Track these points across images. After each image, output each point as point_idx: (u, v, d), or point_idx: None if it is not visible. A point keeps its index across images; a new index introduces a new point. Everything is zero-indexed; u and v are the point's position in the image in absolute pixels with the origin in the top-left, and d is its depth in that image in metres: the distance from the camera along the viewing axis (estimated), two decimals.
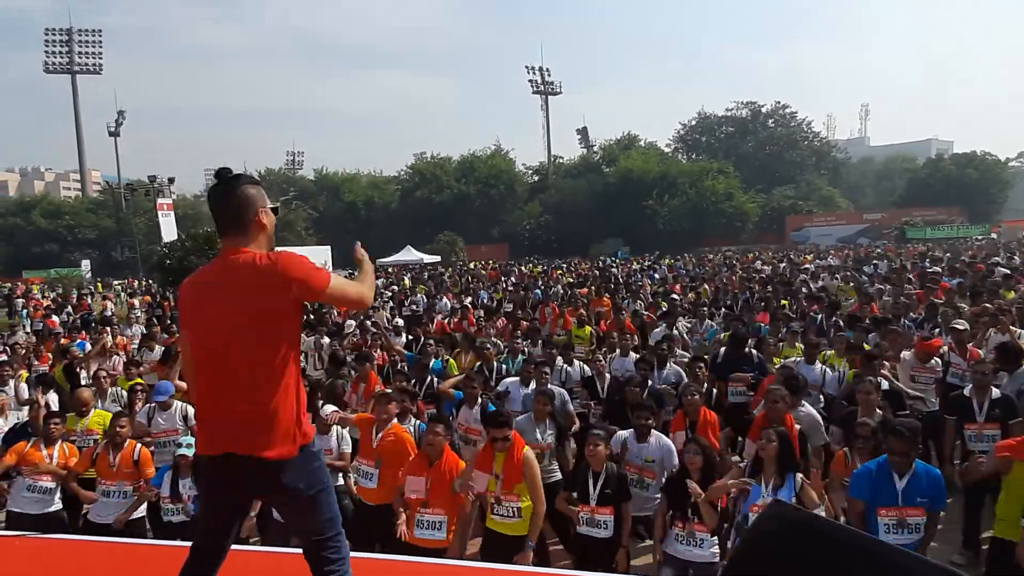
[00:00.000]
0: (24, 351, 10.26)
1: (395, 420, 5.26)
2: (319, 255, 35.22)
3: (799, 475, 4.08)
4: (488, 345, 8.36)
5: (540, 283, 21.19)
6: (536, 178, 65.74)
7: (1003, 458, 3.91)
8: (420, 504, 4.50)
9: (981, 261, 18.95)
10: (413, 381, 7.10)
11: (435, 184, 56.48)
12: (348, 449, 5.68)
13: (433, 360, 8.02)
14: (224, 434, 2.39)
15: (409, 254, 39.26)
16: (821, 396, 6.33)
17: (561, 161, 68.69)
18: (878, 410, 5.05)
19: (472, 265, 37.13)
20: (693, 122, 73.49)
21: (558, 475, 5.46)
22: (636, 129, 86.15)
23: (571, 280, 22.87)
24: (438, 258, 41.43)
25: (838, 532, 2.32)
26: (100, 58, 68.74)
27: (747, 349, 7.02)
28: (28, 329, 16.22)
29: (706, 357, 7.11)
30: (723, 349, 7.21)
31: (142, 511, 5.44)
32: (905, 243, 39.58)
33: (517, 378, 6.98)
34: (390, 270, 33.09)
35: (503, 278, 25.86)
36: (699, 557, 4.23)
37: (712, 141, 71.84)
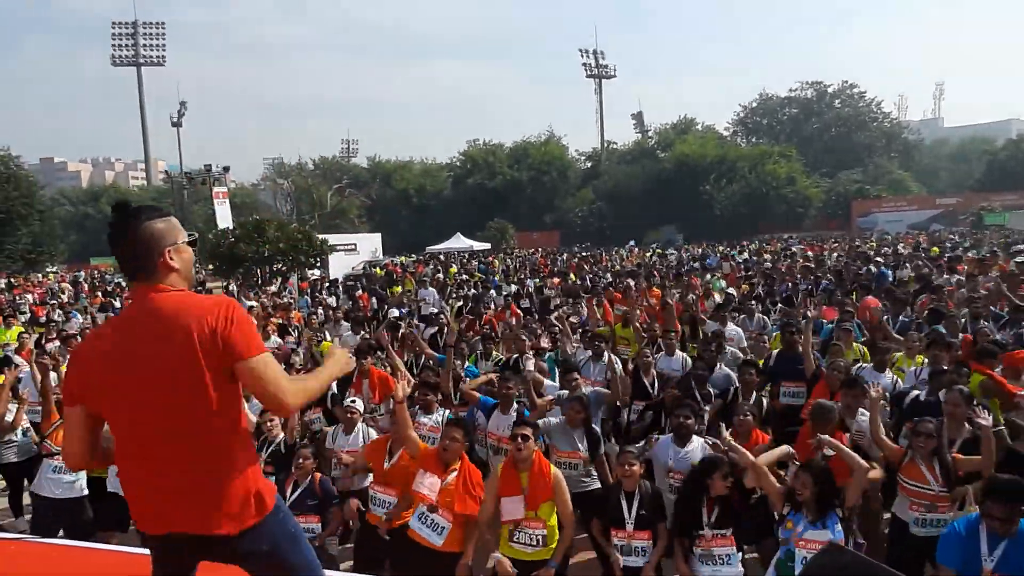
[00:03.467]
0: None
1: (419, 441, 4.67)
2: (370, 243, 35.52)
3: (839, 513, 3.68)
4: (524, 336, 7.79)
5: (588, 272, 20.58)
6: (589, 164, 64.81)
7: None
8: (427, 501, 4.16)
9: None
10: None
11: (487, 171, 56.27)
12: None
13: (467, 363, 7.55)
14: (162, 515, 2.07)
15: (459, 241, 39.15)
16: (888, 408, 5.60)
17: (615, 147, 67.53)
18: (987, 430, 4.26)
19: (518, 252, 36.69)
20: (754, 104, 70.94)
21: (596, 484, 4.99)
22: (694, 113, 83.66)
23: (619, 269, 22.21)
24: (488, 245, 41.18)
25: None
26: (164, 50, 71.48)
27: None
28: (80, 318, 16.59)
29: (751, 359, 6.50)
30: (776, 351, 6.57)
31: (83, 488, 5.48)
32: (984, 229, 37.10)
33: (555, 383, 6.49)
34: (441, 257, 32.98)
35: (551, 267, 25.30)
36: None
37: (774, 124, 69.28)
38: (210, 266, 25.92)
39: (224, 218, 30.95)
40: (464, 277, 21.82)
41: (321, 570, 2.33)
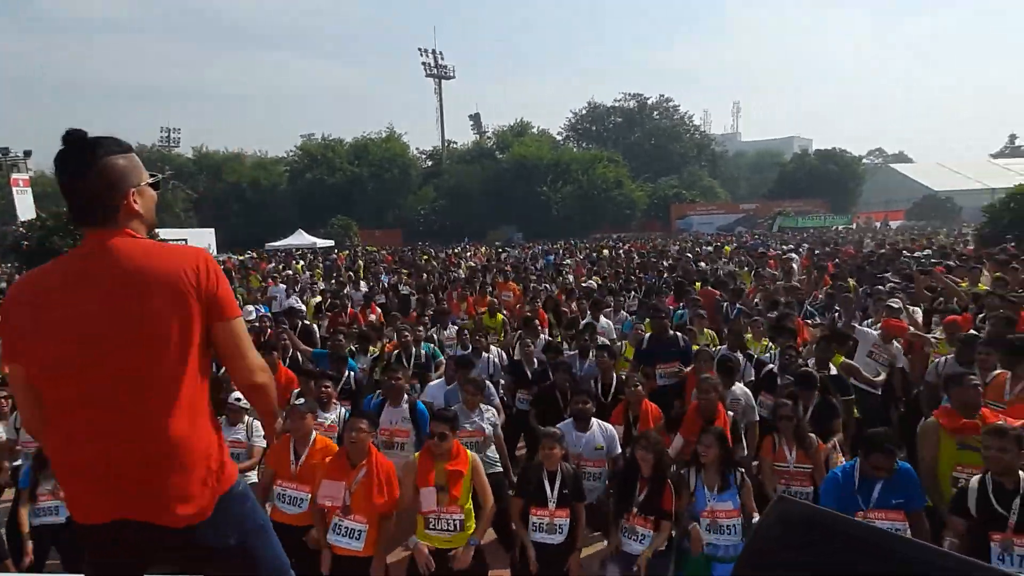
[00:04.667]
0: None
1: (314, 432, 4.59)
2: (202, 238, 33.15)
3: (739, 472, 4.21)
4: (406, 331, 7.99)
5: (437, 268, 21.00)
6: (430, 163, 65.08)
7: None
8: (337, 511, 4.04)
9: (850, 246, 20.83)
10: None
11: (327, 166, 54.48)
12: (261, 444, 5.09)
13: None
14: (108, 493, 1.73)
15: (301, 238, 37.74)
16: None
17: (455, 146, 68.41)
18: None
19: (367, 249, 36.18)
20: (583, 111, 75.33)
21: (498, 467, 5.27)
22: (529, 116, 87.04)
23: (472, 265, 22.84)
24: (331, 243, 40.08)
25: (844, 524, 2.47)
26: None
27: (671, 332, 7.24)
28: None
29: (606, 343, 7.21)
30: (648, 335, 7.40)
31: None
32: (780, 231, 42.63)
33: (439, 380, 6.66)
34: (280, 254, 31.61)
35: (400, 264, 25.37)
36: (639, 552, 4.18)
37: (602, 131, 73.98)
38: (8, 264, 22.82)
39: (26, 208, 27.38)
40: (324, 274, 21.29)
41: (289, 567, 2.08)
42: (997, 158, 76.71)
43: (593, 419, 5.07)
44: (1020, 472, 3.43)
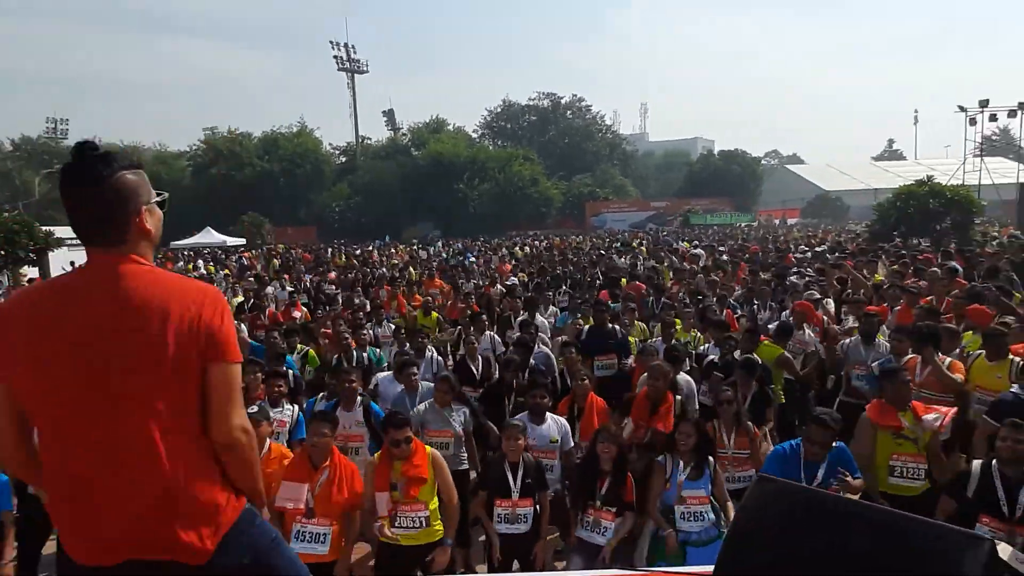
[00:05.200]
0: None
1: (268, 440, 4.50)
2: None
3: (712, 460, 4.39)
4: (347, 335, 7.87)
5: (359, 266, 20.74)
6: (344, 159, 63.65)
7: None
8: (299, 515, 3.98)
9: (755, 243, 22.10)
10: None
11: (234, 161, 52.28)
12: None
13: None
14: (117, 534, 1.66)
15: (209, 236, 36.04)
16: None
17: (369, 142, 67.24)
18: None
19: (281, 248, 35.08)
20: (499, 109, 75.74)
21: (466, 464, 5.29)
22: (444, 114, 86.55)
23: (396, 263, 22.64)
24: (243, 241, 38.54)
25: (823, 498, 2.62)
26: None
27: (610, 325, 7.52)
28: None
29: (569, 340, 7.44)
30: (587, 327, 7.65)
31: None
32: (690, 228, 44.46)
33: (388, 372, 6.68)
34: (186, 253, 30.16)
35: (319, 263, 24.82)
36: (603, 544, 4.30)
37: (517, 129, 74.57)
38: None
39: None
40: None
41: (308, 572, 2.06)
42: (878, 161, 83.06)
43: (547, 412, 5.18)
44: None
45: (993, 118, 40.58)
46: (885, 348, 6.22)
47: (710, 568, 2.27)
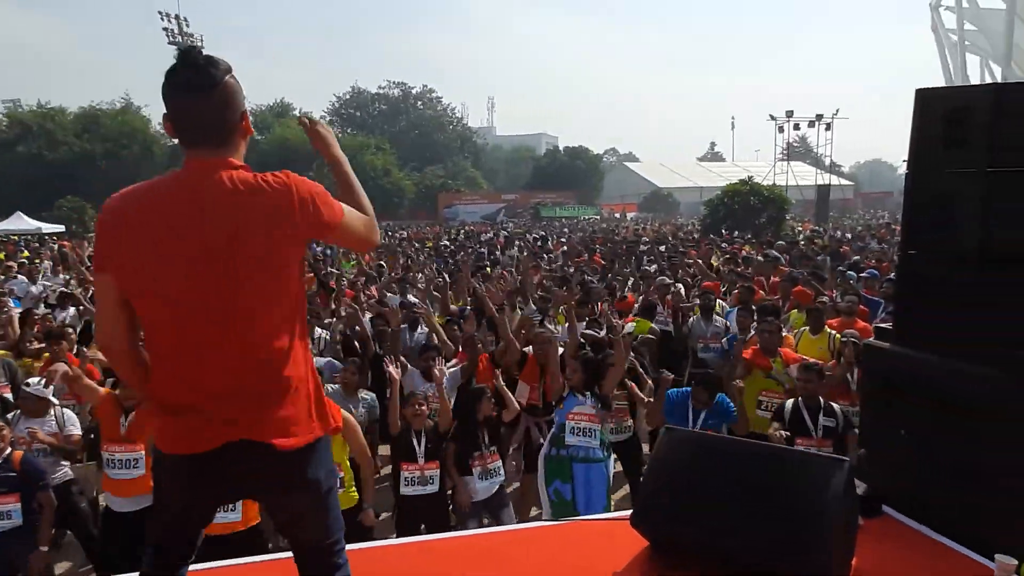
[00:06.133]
0: None
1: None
2: None
3: (599, 390, 4.79)
4: None
5: None
6: (175, 141, 58.85)
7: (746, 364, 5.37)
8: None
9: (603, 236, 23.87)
10: None
11: (46, 139, 46.65)
12: (77, 431, 4.74)
13: None
14: (219, 417, 1.72)
15: (21, 221, 32.07)
16: None
17: None
18: None
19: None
20: (347, 96, 73.93)
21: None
22: (289, 98, 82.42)
23: None
24: (61, 227, 34.72)
25: (722, 441, 3.28)
26: None
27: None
28: None
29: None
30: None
31: None
32: (540, 220, 46.39)
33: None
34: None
35: None
36: (488, 491, 4.65)
37: (367, 117, 73.28)
38: None
39: None
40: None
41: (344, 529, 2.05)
42: (702, 161, 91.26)
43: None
44: (820, 398, 4.58)
45: (796, 127, 46.62)
46: (722, 323, 7.30)
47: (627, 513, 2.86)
